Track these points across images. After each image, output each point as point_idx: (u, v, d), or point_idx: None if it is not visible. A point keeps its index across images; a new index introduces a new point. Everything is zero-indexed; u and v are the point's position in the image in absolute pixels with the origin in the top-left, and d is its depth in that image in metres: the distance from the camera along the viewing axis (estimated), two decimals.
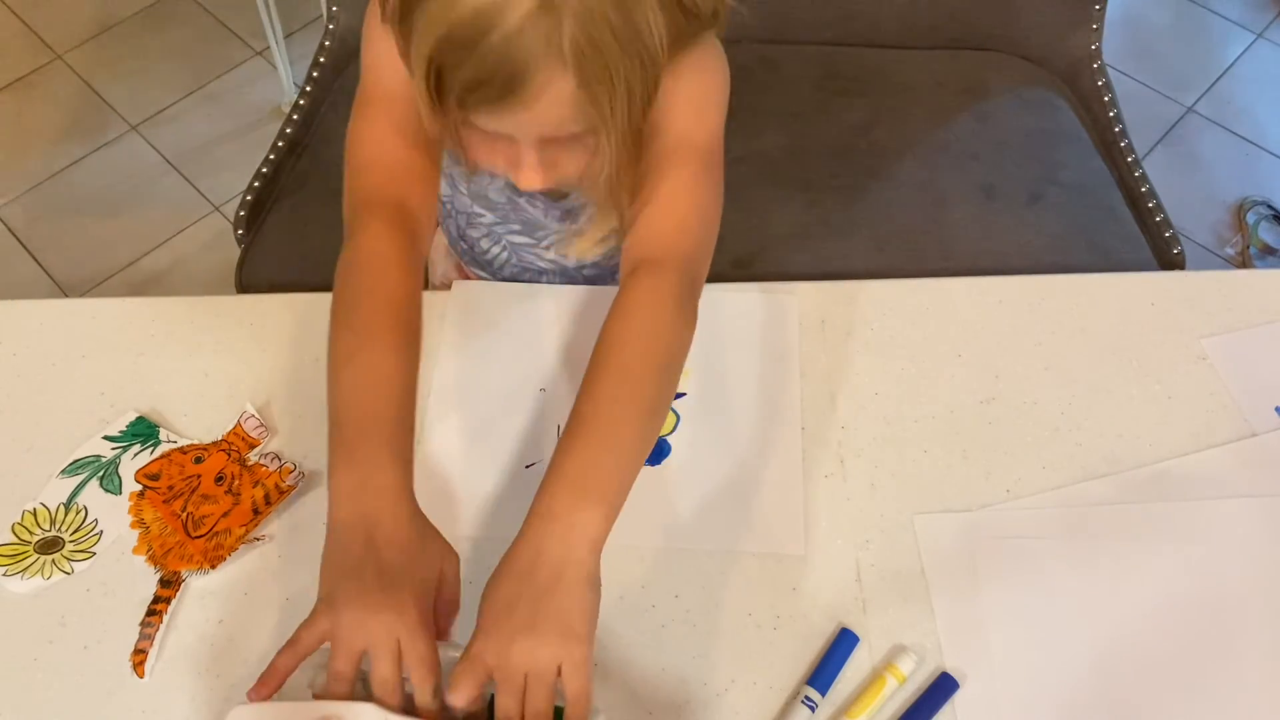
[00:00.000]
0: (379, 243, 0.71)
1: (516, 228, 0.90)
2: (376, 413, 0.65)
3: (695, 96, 0.75)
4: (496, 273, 0.96)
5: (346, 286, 0.70)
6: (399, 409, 0.66)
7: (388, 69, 0.73)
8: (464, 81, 0.62)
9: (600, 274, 0.95)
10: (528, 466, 0.78)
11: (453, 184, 0.89)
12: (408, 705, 0.60)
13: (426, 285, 1.06)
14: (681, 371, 0.71)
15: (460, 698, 0.58)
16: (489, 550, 0.73)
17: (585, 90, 0.62)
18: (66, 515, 0.76)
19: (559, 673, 0.58)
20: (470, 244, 0.95)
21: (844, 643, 0.70)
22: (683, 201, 0.75)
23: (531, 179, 0.70)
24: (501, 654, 0.58)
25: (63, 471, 0.78)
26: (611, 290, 0.88)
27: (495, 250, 0.93)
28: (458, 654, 0.60)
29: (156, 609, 0.72)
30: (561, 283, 0.92)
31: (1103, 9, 1.27)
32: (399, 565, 0.61)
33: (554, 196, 0.85)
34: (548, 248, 0.91)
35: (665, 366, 0.69)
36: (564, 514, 0.61)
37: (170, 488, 0.77)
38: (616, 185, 0.72)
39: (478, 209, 0.89)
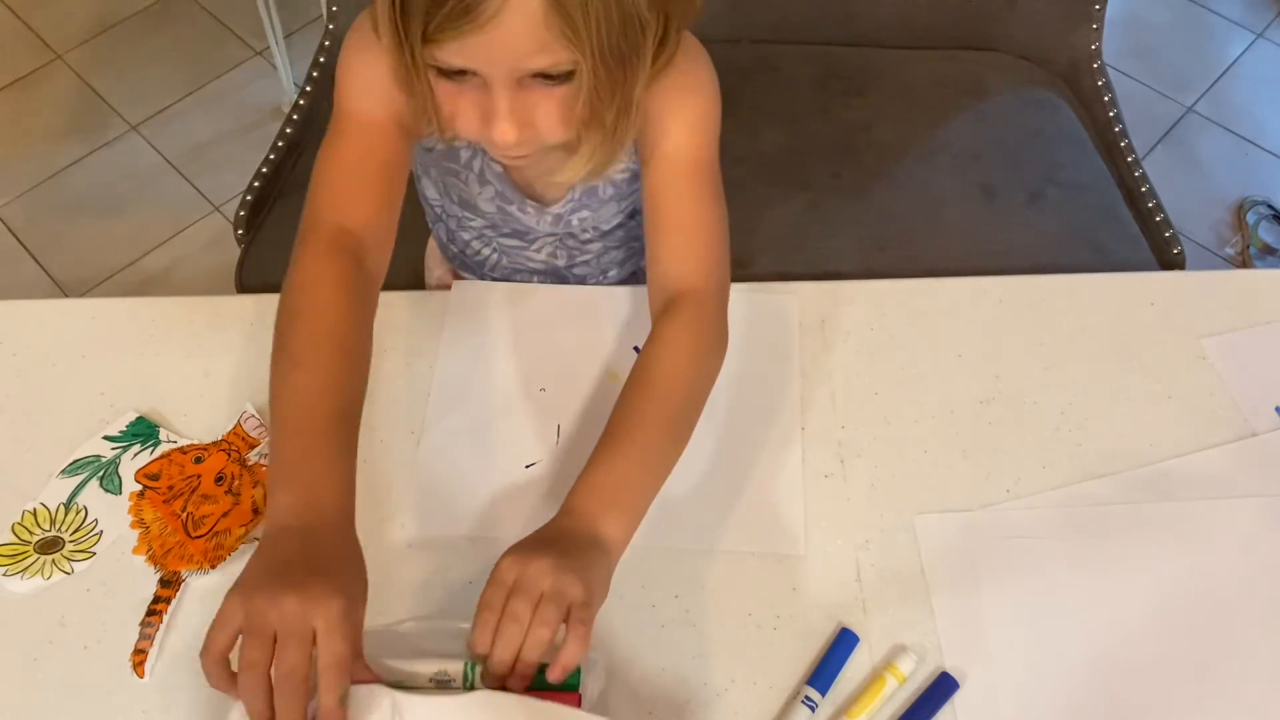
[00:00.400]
0: (315, 264, 0.70)
1: (507, 231, 0.90)
2: (314, 430, 0.64)
3: (695, 116, 0.76)
4: (487, 275, 0.96)
5: (283, 310, 0.69)
6: (338, 427, 0.65)
7: (361, 94, 0.73)
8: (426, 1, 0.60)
9: (590, 274, 0.95)
10: (527, 466, 0.78)
11: (443, 191, 0.89)
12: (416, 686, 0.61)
13: (424, 287, 1.07)
14: (712, 387, 0.74)
15: (485, 625, 0.59)
16: (489, 550, 0.73)
17: (556, 9, 0.60)
18: (66, 515, 0.76)
19: (568, 613, 0.59)
20: (461, 246, 0.95)
21: (844, 643, 0.70)
22: (704, 227, 0.76)
23: (505, 131, 0.66)
24: (522, 570, 0.60)
25: (63, 471, 0.78)
26: (611, 290, 0.89)
27: (486, 252, 0.94)
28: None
29: (156, 609, 0.72)
30: (553, 283, 0.92)
31: (1103, 9, 1.27)
32: (333, 565, 0.59)
33: (542, 201, 0.85)
34: (539, 249, 0.91)
35: (700, 391, 0.73)
36: (590, 519, 0.64)
37: (170, 488, 0.77)
38: (594, 128, 0.69)
39: (468, 214, 0.89)
